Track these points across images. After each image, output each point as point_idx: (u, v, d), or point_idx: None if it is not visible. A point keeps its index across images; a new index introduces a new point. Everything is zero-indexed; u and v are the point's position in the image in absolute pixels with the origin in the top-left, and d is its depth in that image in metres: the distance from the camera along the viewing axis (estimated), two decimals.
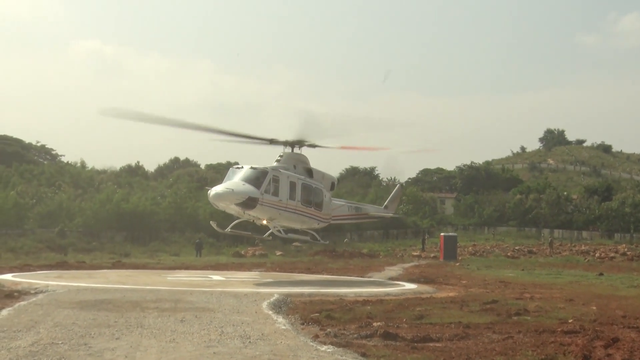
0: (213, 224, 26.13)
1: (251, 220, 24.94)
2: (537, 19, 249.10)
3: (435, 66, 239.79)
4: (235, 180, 23.20)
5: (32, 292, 17.07)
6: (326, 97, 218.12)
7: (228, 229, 25.26)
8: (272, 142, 25.14)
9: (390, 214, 32.89)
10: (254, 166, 23.65)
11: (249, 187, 22.73)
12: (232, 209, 23.20)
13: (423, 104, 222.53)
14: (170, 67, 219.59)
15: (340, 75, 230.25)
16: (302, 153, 25.92)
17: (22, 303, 14.78)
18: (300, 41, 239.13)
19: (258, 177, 23.07)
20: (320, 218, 25.91)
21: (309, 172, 25.76)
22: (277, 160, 25.04)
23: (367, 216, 30.98)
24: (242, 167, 23.78)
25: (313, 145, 25.63)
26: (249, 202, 22.62)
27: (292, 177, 24.36)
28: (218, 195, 22.58)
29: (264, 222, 24.40)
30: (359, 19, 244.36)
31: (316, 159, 26.41)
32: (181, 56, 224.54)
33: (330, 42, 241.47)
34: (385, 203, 32.82)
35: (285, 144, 25.35)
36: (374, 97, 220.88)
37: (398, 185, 36.17)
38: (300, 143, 25.38)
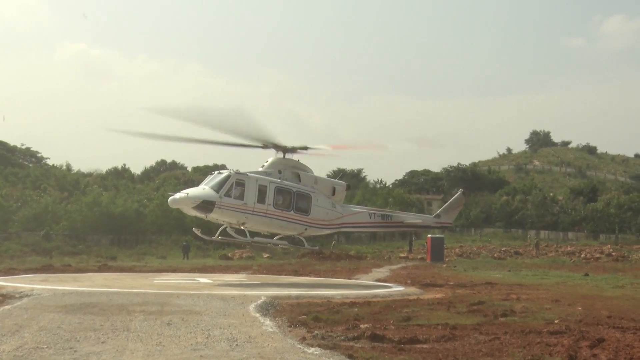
0: (196, 230, 26.19)
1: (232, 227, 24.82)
2: (523, 22, 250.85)
3: (424, 69, 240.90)
4: (199, 186, 23.97)
5: (17, 296, 16.95)
6: (316, 100, 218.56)
7: (217, 236, 25.07)
8: (264, 147, 25.21)
9: (440, 224, 30.26)
10: (221, 171, 24.25)
11: (207, 192, 23.16)
12: (193, 213, 23.58)
13: (413, 106, 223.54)
14: (157, 69, 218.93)
15: (330, 78, 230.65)
16: (294, 158, 25.64)
17: (7, 307, 14.67)
18: (289, 44, 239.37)
19: (220, 182, 23.42)
20: (308, 223, 25.10)
21: (297, 176, 25.31)
22: (262, 166, 25.16)
23: (402, 225, 29.22)
24: (214, 173, 24.44)
25: (305, 148, 25.53)
26: (205, 206, 22.92)
27: (262, 181, 24.05)
28: (174, 200, 23.21)
29: (242, 227, 24.41)
30: (349, 22, 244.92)
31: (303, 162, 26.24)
32: (169, 59, 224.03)
33: (320, 44, 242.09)
34: (437, 211, 30.65)
35: (277, 148, 25.32)
36: (364, 100, 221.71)
37: (460, 192, 31.13)
38: (291, 149, 25.29)
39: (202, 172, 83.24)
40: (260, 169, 24.91)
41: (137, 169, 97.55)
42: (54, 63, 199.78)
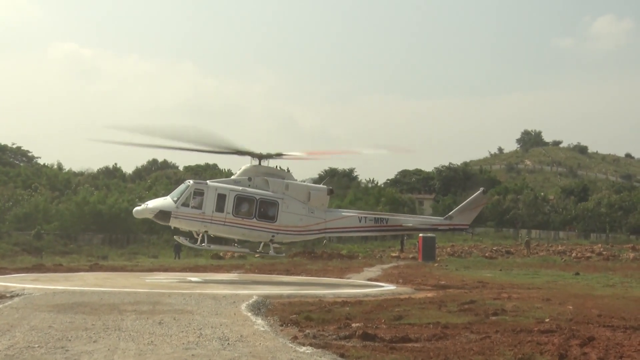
0: (177, 238, 26.72)
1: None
2: (514, 23, 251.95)
3: (416, 69, 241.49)
4: (164, 196, 25.55)
5: (8, 295, 16.89)
6: (308, 100, 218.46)
7: (199, 243, 25.02)
8: (239, 153, 25.34)
9: (452, 226, 27.72)
10: (187, 181, 25.19)
11: (165, 202, 24.39)
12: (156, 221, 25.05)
13: (405, 106, 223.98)
14: (150, 69, 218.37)
15: (322, 78, 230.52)
16: (270, 164, 25.59)
17: None
18: (282, 43, 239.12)
19: (179, 192, 24.55)
20: (276, 230, 24.66)
21: (268, 183, 24.89)
22: (235, 173, 25.70)
23: (400, 228, 27.99)
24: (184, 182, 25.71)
25: (279, 155, 25.46)
26: (162, 216, 24.27)
27: (221, 189, 24.22)
28: (137, 211, 25.33)
29: (205, 234, 24.62)
30: (342, 22, 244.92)
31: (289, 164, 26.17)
32: (161, 58, 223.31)
33: (312, 44, 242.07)
34: (450, 212, 27.82)
35: (252, 155, 25.30)
36: (356, 99, 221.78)
37: (480, 190, 27.49)
38: (266, 155, 25.22)
39: (193, 172, 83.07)
40: (233, 177, 25.42)
41: (128, 168, 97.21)
42: (45, 62, 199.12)
